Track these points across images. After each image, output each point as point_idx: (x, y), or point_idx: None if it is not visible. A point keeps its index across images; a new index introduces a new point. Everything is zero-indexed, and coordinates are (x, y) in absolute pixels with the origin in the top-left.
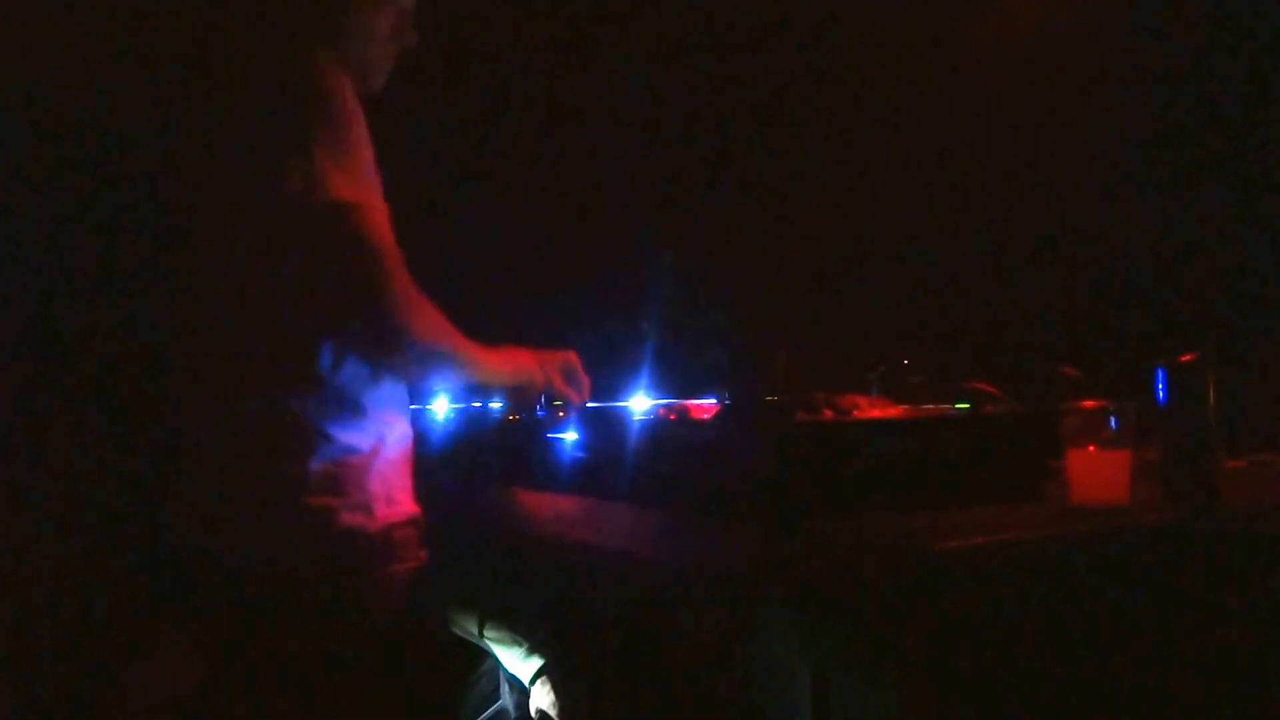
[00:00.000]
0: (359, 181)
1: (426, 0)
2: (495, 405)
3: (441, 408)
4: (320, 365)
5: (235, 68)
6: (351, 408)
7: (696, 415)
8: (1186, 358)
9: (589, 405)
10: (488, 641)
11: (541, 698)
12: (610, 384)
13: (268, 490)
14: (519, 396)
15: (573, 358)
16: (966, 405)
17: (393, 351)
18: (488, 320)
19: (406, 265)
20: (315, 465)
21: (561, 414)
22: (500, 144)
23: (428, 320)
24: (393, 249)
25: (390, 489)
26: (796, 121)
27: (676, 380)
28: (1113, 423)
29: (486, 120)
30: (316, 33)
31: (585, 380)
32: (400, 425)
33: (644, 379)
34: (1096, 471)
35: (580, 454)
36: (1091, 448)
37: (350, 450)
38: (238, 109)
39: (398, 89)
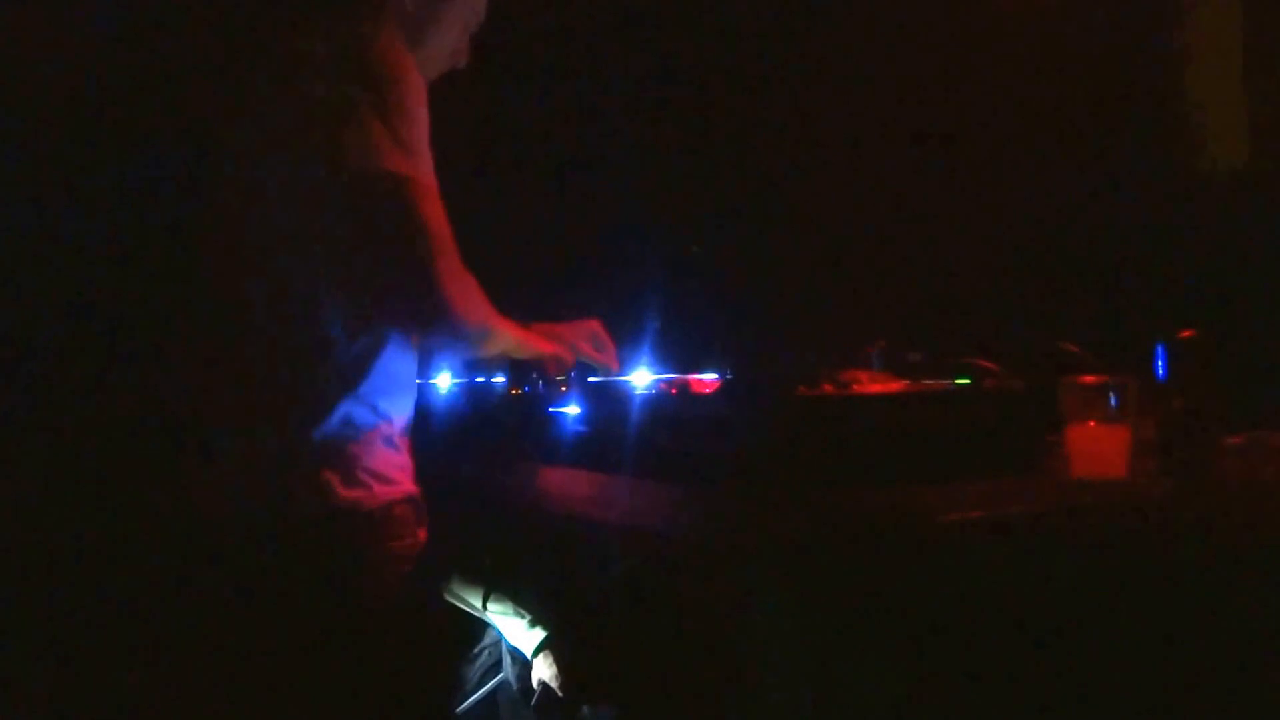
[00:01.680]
0: (413, 155)
1: None
2: (498, 380)
3: (444, 382)
4: (333, 338)
5: (290, 37)
6: (358, 383)
7: (697, 389)
8: (1186, 334)
9: (590, 380)
10: (490, 615)
11: (544, 669)
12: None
13: (270, 462)
14: (552, 369)
15: (596, 326)
16: (967, 380)
17: (435, 326)
18: (492, 299)
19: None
20: (318, 438)
21: (563, 388)
22: (505, 125)
23: (471, 298)
24: (443, 225)
25: (390, 467)
26: (797, 103)
27: (677, 355)
28: (1112, 398)
29: (492, 103)
30: (373, 6)
31: (611, 345)
32: (405, 403)
33: (645, 354)
34: (1096, 446)
35: (582, 428)
36: (1091, 422)
37: (354, 425)
38: (292, 78)
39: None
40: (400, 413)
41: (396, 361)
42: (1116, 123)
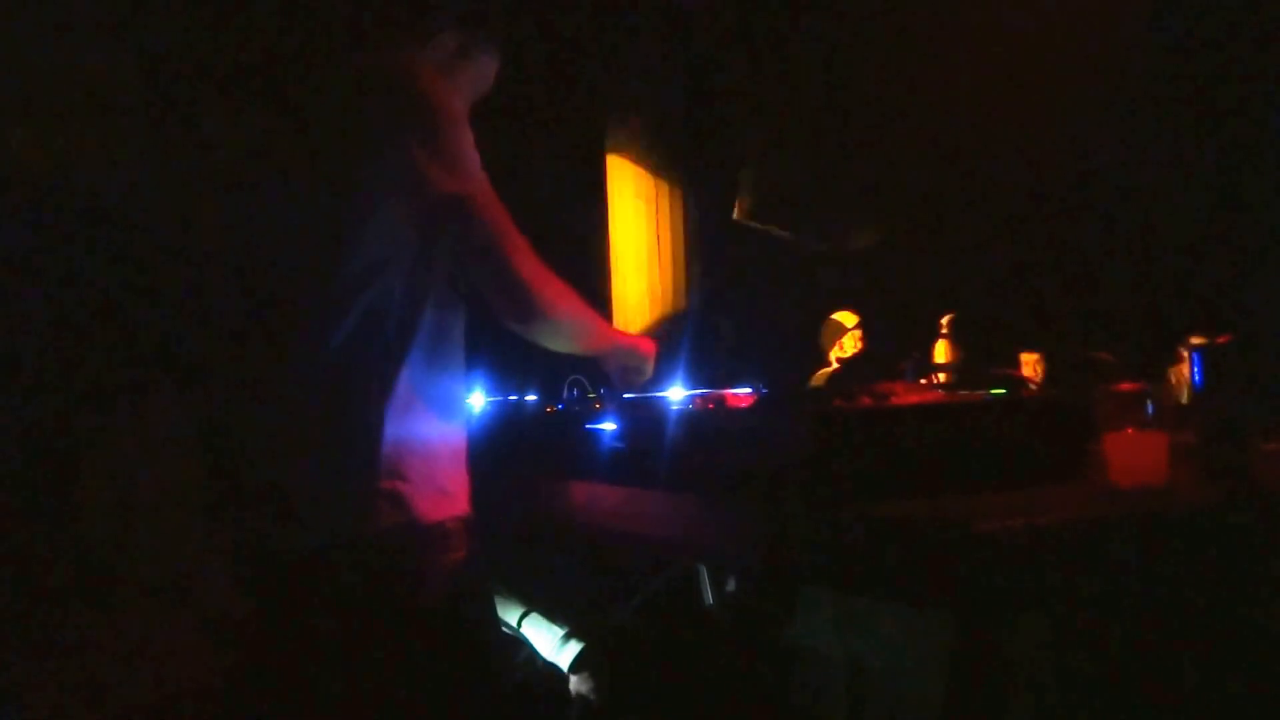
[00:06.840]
0: (465, 173)
1: None
2: (531, 398)
3: (478, 400)
4: (405, 356)
5: (329, 74)
6: (423, 398)
7: (733, 404)
8: (1222, 339)
9: (626, 396)
10: (524, 630)
11: (580, 683)
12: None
13: (338, 472)
14: (631, 375)
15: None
16: (1002, 390)
17: (532, 323)
18: None
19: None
20: (386, 451)
21: (598, 405)
22: (535, 132)
23: (559, 291)
24: (510, 228)
25: (453, 483)
26: (838, 108)
27: (713, 370)
28: (1149, 406)
29: (525, 108)
30: (409, 37)
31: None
32: (461, 420)
33: (681, 369)
34: (1134, 454)
35: (618, 444)
36: (1129, 430)
37: (423, 440)
38: (335, 112)
39: None
40: (461, 430)
41: (453, 379)
42: (1155, 129)
